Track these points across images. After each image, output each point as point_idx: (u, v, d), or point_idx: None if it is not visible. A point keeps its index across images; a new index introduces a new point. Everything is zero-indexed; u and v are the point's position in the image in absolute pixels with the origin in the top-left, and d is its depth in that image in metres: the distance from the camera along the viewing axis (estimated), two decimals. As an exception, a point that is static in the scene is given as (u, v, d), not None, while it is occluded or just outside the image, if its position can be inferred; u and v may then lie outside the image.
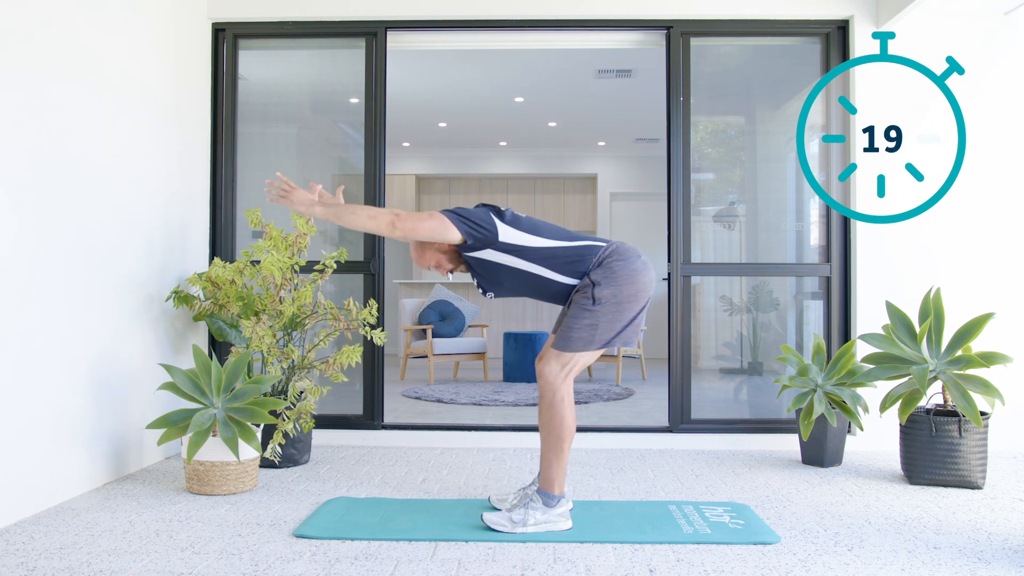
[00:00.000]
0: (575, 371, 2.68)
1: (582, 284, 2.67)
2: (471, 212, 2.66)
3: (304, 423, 3.59)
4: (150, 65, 3.68)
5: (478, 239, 2.63)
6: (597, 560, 2.35)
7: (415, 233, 2.62)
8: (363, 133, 4.27)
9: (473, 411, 5.15)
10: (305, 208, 2.76)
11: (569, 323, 2.65)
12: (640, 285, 2.65)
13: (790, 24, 4.19)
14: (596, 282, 2.62)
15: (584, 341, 2.63)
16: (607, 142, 9.67)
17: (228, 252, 4.26)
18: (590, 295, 2.62)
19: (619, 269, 2.63)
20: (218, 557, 2.36)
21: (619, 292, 2.62)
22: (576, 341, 2.63)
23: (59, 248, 3.00)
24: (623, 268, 2.63)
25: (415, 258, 2.80)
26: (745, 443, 4.13)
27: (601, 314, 2.61)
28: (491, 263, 2.69)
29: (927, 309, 3.44)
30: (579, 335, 2.63)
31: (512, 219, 2.70)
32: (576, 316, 2.64)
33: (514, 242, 2.66)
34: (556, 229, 2.74)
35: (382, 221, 2.62)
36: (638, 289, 2.64)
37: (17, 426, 2.77)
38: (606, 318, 2.62)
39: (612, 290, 2.61)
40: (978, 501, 3.06)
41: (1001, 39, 4.06)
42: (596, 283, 2.62)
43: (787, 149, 4.43)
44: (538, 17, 4.22)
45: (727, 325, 4.58)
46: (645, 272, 2.67)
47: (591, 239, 2.73)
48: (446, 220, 2.61)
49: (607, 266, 2.64)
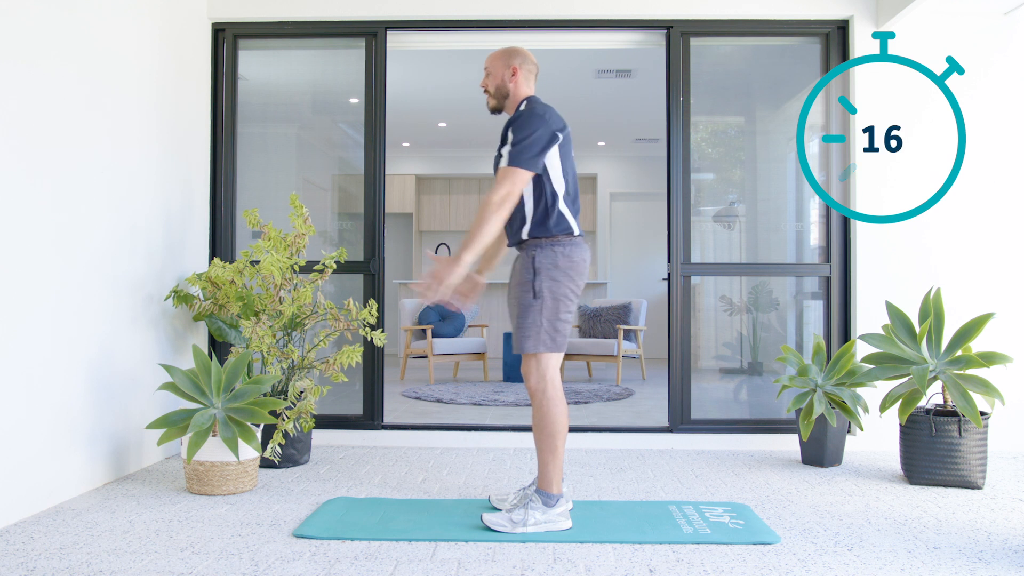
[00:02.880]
0: (551, 369, 2.68)
1: (525, 256, 2.69)
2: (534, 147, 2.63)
3: (304, 423, 3.59)
4: (150, 65, 3.68)
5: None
6: (597, 560, 2.35)
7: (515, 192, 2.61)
8: (363, 133, 4.27)
9: (473, 411, 5.15)
10: (456, 275, 2.59)
11: (517, 324, 2.68)
12: (577, 284, 2.69)
13: (790, 24, 4.19)
14: (537, 270, 2.64)
15: (535, 340, 2.64)
16: (607, 142, 9.66)
17: (228, 252, 4.26)
18: (531, 287, 2.64)
19: (563, 263, 2.65)
20: (218, 557, 2.35)
21: (557, 288, 2.64)
22: (528, 340, 2.65)
23: (58, 248, 3.00)
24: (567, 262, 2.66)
25: None
26: (745, 443, 4.13)
27: (544, 309, 2.63)
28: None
29: (927, 309, 3.44)
30: (529, 334, 2.65)
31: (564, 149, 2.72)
32: (521, 316, 2.66)
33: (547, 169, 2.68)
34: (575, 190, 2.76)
35: (503, 211, 2.59)
36: (576, 287, 2.69)
37: (16, 426, 2.77)
38: (548, 314, 2.64)
39: (551, 284, 2.64)
40: (978, 501, 3.06)
41: (1001, 39, 4.06)
42: (537, 271, 2.64)
43: (787, 149, 4.43)
44: (538, 17, 4.22)
45: (727, 325, 4.58)
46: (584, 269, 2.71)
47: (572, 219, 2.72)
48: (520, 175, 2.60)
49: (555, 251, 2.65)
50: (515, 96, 2.82)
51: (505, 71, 2.81)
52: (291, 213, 3.68)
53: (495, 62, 2.85)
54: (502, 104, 2.85)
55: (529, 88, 2.84)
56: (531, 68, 2.85)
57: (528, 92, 2.83)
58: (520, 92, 2.81)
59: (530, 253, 2.69)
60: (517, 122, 2.67)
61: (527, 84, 2.83)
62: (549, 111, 2.72)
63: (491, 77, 2.84)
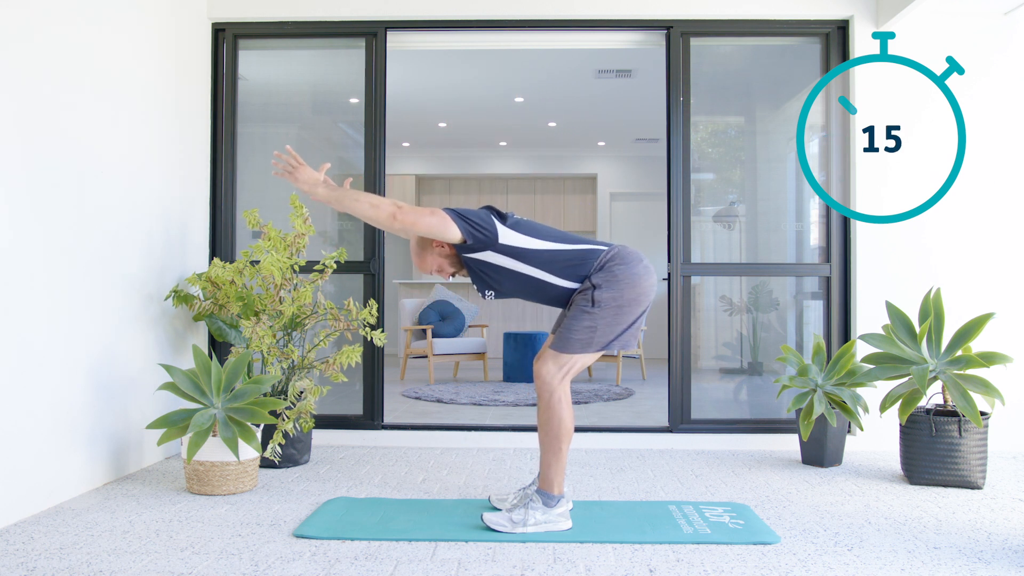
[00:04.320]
0: (572, 372, 2.68)
1: (583, 287, 2.66)
2: (472, 212, 2.66)
3: (304, 423, 3.59)
4: (150, 65, 3.68)
5: (478, 239, 2.63)
6: (597, 560, 2.35)
7: (415, 227, 2.60)
8: (363, 133, 4.27)
9: (473, 411, 5.15)
10: (308, 187, 2.70)
11: (568, 324, 2.65)
12: (641, 289, 2.64)
13: (790, 24, 4.19)
14: (597, 285, 2.62)
15: (583, 343, 2.63)
16: (607, 142, 9.67)
17: (228, 252, 4.26)
18: (590, 297, 2.62)
19: (620, 273, 2.62)
20: (218, 557, 2.35)
21: (620, 296, 2.61)
22: (574, 343, 2.63)
23: (59, 248, 3.00)
24: (624, 272, 2.62)
25: (417, 263, 2.79)
26: (745, 443, 4.13)
27: (600, 317, 2.61)
28: (491, 265, 2.69)
29: (927, 309, 3.44)
30: (578, 337, 2.63)
31: (513, 223, 2.69)
32: (575, 317, 2.64)
33: (514, 244, 2.65)
34: (558, 233, 2.74)
35: (383, 211, 2.60)
36: (639, 293, 2.64)
37: (17, 426, 2.76)
38: (604, 321, 2.62)
39: (612, 293, 2.61)
40: (978, 501, 3.06)
41: (1001, 39, 4.06)
42: (597, 286, 2.62)
43: (787, 149, 4.43)
44: (538, 17, 4.22)
45: (727, 325, 4.58)
46: (647, 276, 2.67)
47: (593, 243, 2.72)
48: (447, 217, 2.61)
49: (608, 269, 2.63)
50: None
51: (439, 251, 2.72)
52: (291, 213, 3.68)
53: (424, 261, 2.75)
54: (457, 259, 2.74)
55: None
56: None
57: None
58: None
59: (585, 284, 2.66)
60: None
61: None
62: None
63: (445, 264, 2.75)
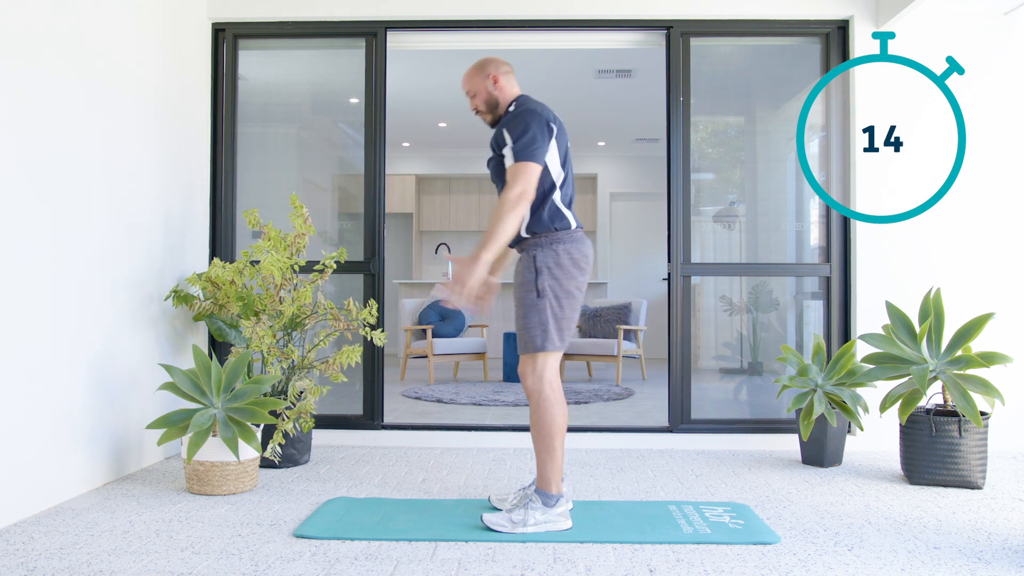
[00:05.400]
0: (549, 369, 2.67)
1: (527, 256, 2.68)
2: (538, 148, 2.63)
3: (304, 423, 3.59)
4: (150, 65, 3.68)
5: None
6: (597, 560, 2.35)
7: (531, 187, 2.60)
8: (363, 133, 4.27)
9: (473, 411, 5.15)
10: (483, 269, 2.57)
11: (521, 324, 2.67)
12: (580, 281, 2.69)
13: (790, 24, 4.19)
14: (539, 269, 2.64)
15: (541, 339, 2.64)
16: (607, 142, 9.66)
17: (228, 252, 4.26)
18: (533, 286, 2.63)
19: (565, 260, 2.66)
20: (218, 557, 2.36)
21: (560, 285, 2.64)
22: (533, 341, 2.64)
23: (58, 248, 3.00)
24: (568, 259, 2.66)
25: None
26: (745, 443, 4.13)
27: (548, 307, 2.63)
28: None
29: (927, 309, 3.44)
30: (534, 335, 2.64)
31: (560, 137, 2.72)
32: (526, 315, 2.65)
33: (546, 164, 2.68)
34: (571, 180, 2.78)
35: (518, 210, 2.57)
36: (580, 283, 2.69)
37: (17, 426, 2.77)
38: (553, 312, 2.63)
39: (553, 282, 2.64)
40: (978, 501, 3.06)
41: (1001, 39, 4.06)
42: (539, 270, 2.64)
43: (787, 149, 4.43)
44: (538, 17, 4.22)
45: (727, 325, 4.58)
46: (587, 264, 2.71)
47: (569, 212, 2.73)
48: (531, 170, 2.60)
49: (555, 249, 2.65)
50: (504, 100, 2.82)
51: (486, 82, 2.82)
52: (291, 213, 3.68)
53: (472, 80, 2.85)
54: (497, 114, 2.85)
55: (513, 88, 2.84)
56: (507, 69, 2.85)
57: (515, 92, 2.84)
58: (507, 95, 2.82)
59: (531, 253, 2.69)
60: (511, 122, 2.68)
61: (510, 85, 2.84)
62: (539, 104, 2.73)
63: (476, 97, 2.84)
